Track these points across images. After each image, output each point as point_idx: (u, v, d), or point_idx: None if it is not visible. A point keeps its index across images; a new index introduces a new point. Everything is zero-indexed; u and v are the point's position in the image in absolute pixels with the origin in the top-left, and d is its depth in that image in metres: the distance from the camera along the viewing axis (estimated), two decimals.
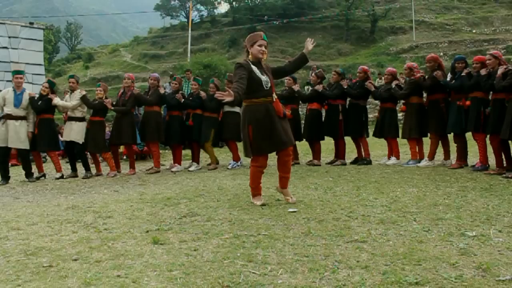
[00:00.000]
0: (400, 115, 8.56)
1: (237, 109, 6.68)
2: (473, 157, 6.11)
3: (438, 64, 5.97)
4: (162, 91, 6.92)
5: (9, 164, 7.09)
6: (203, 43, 35.31)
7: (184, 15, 44.29)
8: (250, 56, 3.71)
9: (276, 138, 3.64)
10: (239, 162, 6.93)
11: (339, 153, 6.81)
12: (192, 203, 3.93)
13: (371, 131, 6.88)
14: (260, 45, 3.67)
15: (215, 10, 46.23)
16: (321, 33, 33.71)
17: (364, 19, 33.39)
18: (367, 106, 7.01)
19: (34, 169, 6.88)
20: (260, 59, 3.71)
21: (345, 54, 31.00)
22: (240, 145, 5.96)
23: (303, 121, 7.20)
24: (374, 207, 3.48)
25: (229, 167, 6.79)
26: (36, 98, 6.65)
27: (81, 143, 6.66)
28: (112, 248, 2.61)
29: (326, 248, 2.45)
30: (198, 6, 44.31)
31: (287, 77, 6.67)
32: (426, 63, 6.20)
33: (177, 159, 7.19)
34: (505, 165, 5.12)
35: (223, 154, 8.99)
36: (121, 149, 8.54)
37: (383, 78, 9.45)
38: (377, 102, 9.43)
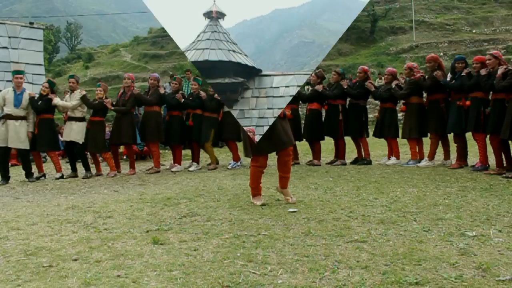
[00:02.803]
0: (400, 115, 8.56)
1: None
2: (473, 157, 6.11)
3: (438, 64, 5.97)
4: (162, 91, 6.92)
5: (9, 164, 7.08)
6: None
7: None
8: None
9: (276, 138, 3.64)
10: (239, 162, 6.93)
11: (339, 153, 6.81)
12: (192, 203, 3.93)
13: (371, 131, 6.88)
14: None
15: None
16: None
17: (364, 19, 33.33)
18: (367, 106, 7.01)
19: (34, 169, 6.88)
20: None
21: (345, 54, 30.97)
22: (240, 145, 5.95)
23: (303, 121, 7.20)
24: (374, 207, 3.48)
25: (229, 167, 6.79)
26: (36, 98, 6.65)
27: (81, 143, 6.65)
28: (112, 248, 2.61)
29: (326, 248, 2.45)
30: None
31: None
32: (426, 63, 6.20)
33: (177, 159, 7.19)
34: (505, 165, 5.12)
35: (223, 154, 8.98)
36: (121, 149, 8.54)
37: (383, 78, 9.45)
38: (377, 102, 9.42)
